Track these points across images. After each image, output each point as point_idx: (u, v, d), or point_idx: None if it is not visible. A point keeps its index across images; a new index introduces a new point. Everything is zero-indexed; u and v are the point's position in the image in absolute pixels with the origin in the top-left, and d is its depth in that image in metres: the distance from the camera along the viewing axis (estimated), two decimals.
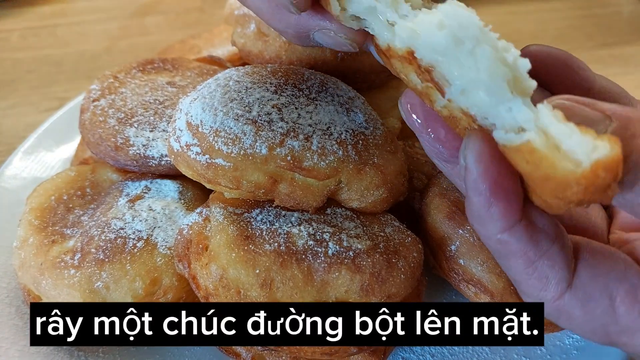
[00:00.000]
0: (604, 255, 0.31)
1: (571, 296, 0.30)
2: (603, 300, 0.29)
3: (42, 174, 0.67)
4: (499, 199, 0.28)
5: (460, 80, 0.27)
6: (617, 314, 0.29)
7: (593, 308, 0.29)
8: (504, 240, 0.30)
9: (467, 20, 0.25)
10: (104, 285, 0.45)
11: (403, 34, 0.28)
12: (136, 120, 0.55)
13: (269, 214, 0.45)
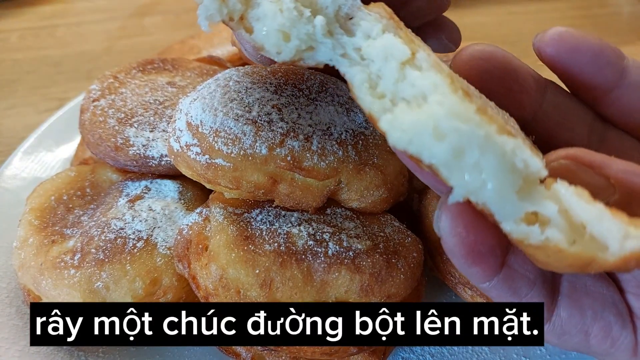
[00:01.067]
0: (586, 287, 0.32)
1: (549, 331, 0.32)
2: (578, 335, 0.31)
3: (42, 174, 0.67)
4: (475, 264, 0.29)
5: (463, 188, 0.23)
6: (590, 345, 0.31)
7: (568, 340, 0.32)
8: (486, 289, 0.32)
9: (469, 128, 0.21)
10: (104, 285, 0.45)
11: (390, 131, 0.24)
12: (136, 120, 0.55)
13: (268, 214, 0.45)
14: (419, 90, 0.24)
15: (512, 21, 1.15)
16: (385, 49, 0.26)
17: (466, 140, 0.22)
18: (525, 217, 0.23)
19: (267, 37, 0.28)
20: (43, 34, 1.14)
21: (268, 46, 0.28)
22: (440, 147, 0.22)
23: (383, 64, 0.26)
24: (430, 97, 0.23)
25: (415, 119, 0.23)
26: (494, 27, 1.12)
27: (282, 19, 0.28)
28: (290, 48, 0.28)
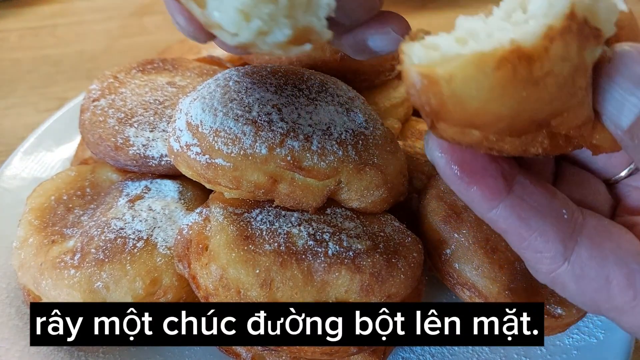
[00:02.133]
0: (610, 234, 0.31)
1: (566, 271, 0.30)
2: (599, 281, 0.29)
3: (42, 174, 0.67)
4: (473, 180, 0.28)
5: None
6: (610, 295, 0.29)
7: (587, 284, 0.30)
8: (493, 219, 0.31)
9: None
10: (104, 285, 0.45)
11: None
12: (136, 120, 0.55)
13: (269, 214, 0.45)
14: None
15: None
16: None
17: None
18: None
19: (224, 15, 0.25)
20: (43, 33, 1.14)
21: (226, 25, 0.25)
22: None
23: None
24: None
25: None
26: None
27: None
28: (251, 29, 0.25)
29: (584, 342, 0.49)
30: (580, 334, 0.50)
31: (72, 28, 1.15)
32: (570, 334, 0.50)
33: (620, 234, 0.31)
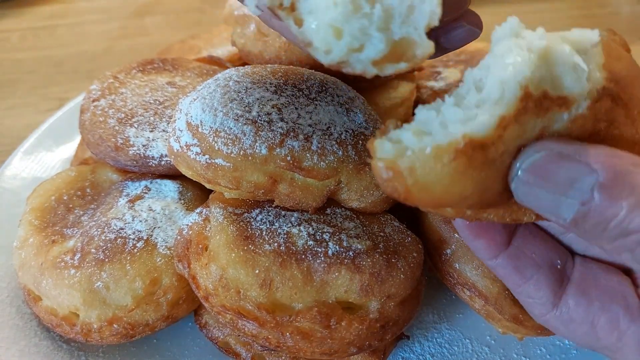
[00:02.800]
0: (597, 281, 0.33)
1: (555, 316, 0.33)
2: (585, 325, 0.32)
3: (42, 174, 0.67)
4: (479, 234, 0.33)
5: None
6: (598, 337, 0.32)
7: (575, 328, 0.33)
8: (492, 267, 0.35)
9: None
10: (104, 285, 0.45)
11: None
12: (136, 120, 0.55)
13: (268, 214, 0.45)
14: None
15: None
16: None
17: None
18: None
19: (317, 32, 0.25)
20: (43, 34, 1.14)
21: (317, 43, 0.25)
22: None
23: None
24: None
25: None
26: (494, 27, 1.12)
27: (335, 12, 0.24)
28: (341, 46, 0.25)
29: None
30: None
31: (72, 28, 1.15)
32: None
33: (608, 279, 0.33)
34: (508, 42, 0.26)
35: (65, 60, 1.04)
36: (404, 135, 0.26)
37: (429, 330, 0.51)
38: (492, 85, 0.25)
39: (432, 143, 0.25)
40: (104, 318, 0.45)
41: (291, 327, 0.40)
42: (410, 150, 0.25)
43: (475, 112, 0.25)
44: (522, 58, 0.25)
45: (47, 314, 0.47)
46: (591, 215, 0.26)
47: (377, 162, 0.26)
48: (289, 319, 0.40)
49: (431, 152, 0.24)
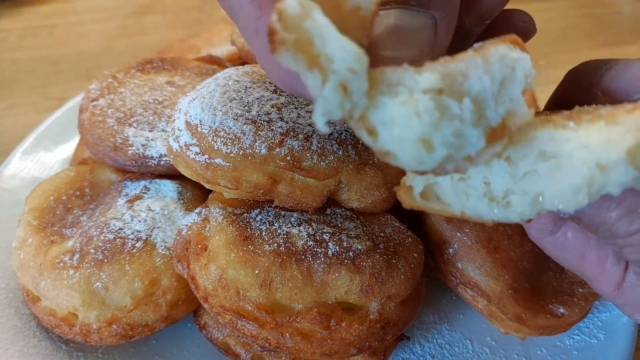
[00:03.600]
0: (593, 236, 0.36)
1: (549, 242, 0.36)
2: (575, 254, 0.36)
3: (41, 174, 0.67)
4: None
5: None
6: (582, 267, 0.36)
7: (565, 255, 0.37)
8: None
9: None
10: (102, 285, 0.45)
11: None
12: (135, 120, 0.55)
13: (268, 214, 0.45)
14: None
15: None
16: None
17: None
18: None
19: (400, 147, 0.22)
20: (42, 33, 1.13)
21: (404, 158, 0.22)
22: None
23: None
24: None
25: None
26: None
27: (420, 124, 0.21)
28: (434, 158, 0.22)
29: (584, 342, 0.49)
30: (580, 334, 0.49)
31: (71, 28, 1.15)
32: (571, 335, 0.49)
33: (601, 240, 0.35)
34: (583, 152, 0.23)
35: (64, 59, 1.04)
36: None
37: (429, 331, 0.51)
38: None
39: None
40: (103, 319, 0.45)
41: (291, 328, 0.39)
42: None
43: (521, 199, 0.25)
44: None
45: (46, 314, 0.47)
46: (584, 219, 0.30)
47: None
48: (288, 319, 0.40)
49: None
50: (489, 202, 0.26)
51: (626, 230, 0.28)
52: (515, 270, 0.45)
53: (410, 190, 0.28)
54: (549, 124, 0.24)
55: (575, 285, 0.48)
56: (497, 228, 0.46)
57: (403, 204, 0.28)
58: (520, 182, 0.25)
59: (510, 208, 0.26)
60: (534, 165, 0.25)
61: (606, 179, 0.23)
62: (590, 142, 0.23)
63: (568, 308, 0.45)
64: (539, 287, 0.46)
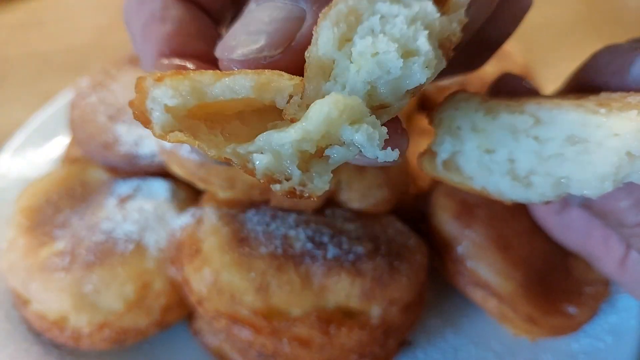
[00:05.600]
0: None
1: (555, 221, 0.38)
2: (580, 233, 0.37)
3: (31, 173, 0.65)
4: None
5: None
6: (587, 246, 0.37)
7: (570, 234, 0.38)
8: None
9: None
10: (94, 288, 0.43)
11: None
12: (127, 117, 0.54)
13: (264, 215, 0.43)
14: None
15: None
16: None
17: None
18: None
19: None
20: (31, 29, 1.11)
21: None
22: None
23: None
24: None
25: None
26: None
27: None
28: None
29: (591, 346, 0.48)
30: (588, 337, 0.48)
31: (61, 23, 1.13)
32: (578, 338, 0.48)
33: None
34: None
35: (55, 55, 1.02)
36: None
37: (433, 336, 0.49)
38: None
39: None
40: (94, 323, 0.44)
41: (288, 334, 0.38)
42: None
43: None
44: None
45: (36, 318, 0.46)
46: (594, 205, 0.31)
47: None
48: (286, 325, 0.38)
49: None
50: (512, 180, 0.26)
51: (634, 220, 0.29)
52: (526, 269, 0.43)
53: (434, 157, 0.28)
54: (581, 109, 0.25)
55: (583, 285, 0.47)
56: (507, 225, 0.45)
57: (424, 170, 0.29)
58: (545, 164, 0.26)
59: (532, 188, 0.26)
60: (562, 148, 0.25)
61: (633, 167, 0.23)
62: (621, 131, 0.23)
63: (578, 307, 0.44)
64: (549, 286, 0.45)
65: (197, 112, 0.22)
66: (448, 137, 0.28)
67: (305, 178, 0.21)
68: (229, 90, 0.21)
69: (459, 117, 0.28)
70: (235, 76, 0.21)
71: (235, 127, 0.23)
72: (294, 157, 0.21)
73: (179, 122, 0.22)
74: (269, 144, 0.21)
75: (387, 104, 0.23)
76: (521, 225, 0.45)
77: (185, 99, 0.21)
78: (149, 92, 0.22)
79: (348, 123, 0.21)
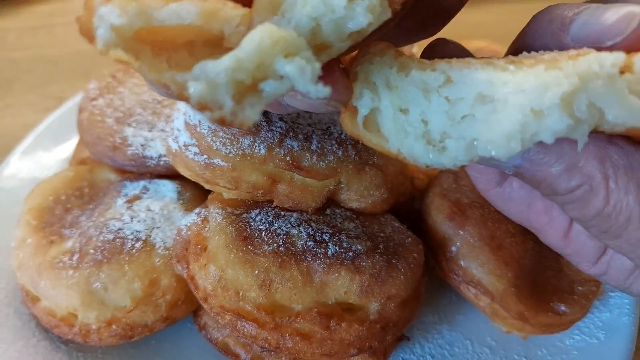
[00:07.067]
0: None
1: (497, 193, 0.36)
2: (521, 205, 0.36)
3: (40, 174, 0.67)
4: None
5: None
6: (530, 217, 0.36)
7: (511, 206, 0.37)
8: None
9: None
10: (102, 286, 0.45)
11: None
12: (134, 119, 0.55)
13: (267, 214, 0.44)
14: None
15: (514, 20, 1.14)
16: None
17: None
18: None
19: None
20: (41, 32, 1.13)
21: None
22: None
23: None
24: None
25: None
26: (495, 26, 1.12)
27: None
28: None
29: (584, 342, 0.49)
30: (581, 334, 0.49)
31: (70, 27, 1.15)
32: (571, 335, 0.49)
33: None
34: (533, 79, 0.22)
35: (63, 59, 1.04)
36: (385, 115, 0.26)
37: (429, 332, 0.51)
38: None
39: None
40: (102, 319, 0.45)
41: (291, 329, 0.39)
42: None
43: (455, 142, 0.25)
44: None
45: (45, 314, 0.47)
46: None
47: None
48: (288, 320, 0.39)
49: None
50: (426, 144, 0.26)
51: (566, 186, 0.27)
52: (517, 268, 0.45)
53: (354, 113, 0.27)
54: (489, 67, 0.24)
55: (575, 284, 0.48)
56: (499, 226, 0.46)
57: (345, 128, 0.28)
58: (458, 126, 0.25)
59: (445, 152, 0.25)
60: (472, 109, 0.24)
61: (540, 125, 0.22)
62: (526, 86, 0.22)
63: (569, 306, 0.45)
64: (541, 285, 0.46)
65: (146, 36, 0.22)
66: (366, 90, 0.27)
67: (237, 108, 0.21)
68: (175, 15, 0.22)
69: (374, 71, 0.27)
70: (182, 2, 0.22)
71: (183, 58, 0.23)
72: (229, 86, 0.21)
73: (125, 42, 0.22)
74: (204, 73, 0.21)
75: (329, 43, 0.23)
76: (514, 226, 0.46)
77: (131, 19, 0.21)
78: (96, 9, 0.21)
79: (283, 55, 0.21)
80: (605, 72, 0.22)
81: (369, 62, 0.27)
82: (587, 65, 0.22)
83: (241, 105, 0.21)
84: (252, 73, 0.21)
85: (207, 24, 0.22)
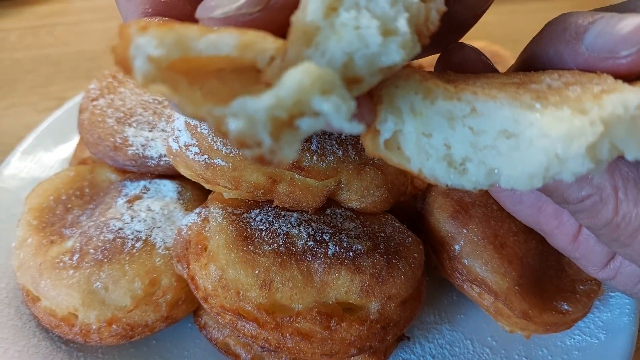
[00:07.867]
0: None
1: (506, 196, 0.37)
2: (532, 209, 0.36)
3: (40, 174, 0.67)
4: None
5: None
6: (539, 220, 0.36)
7: (521, 209, 0.37)
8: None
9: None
10: (102, 285, 0.45)
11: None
12: (135, 120, 0.55)
13: (268, 214, 0.44)
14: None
15: (514, 20, 1.15)
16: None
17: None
18: None
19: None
20: (42, 33, 1.13)
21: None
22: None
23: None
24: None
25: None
26: (496, 26, 1.12)
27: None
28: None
29: (585, 342, 0.49)
30: (581, 334, 0.49)
31: (71, 28, 1.15)
32: (572, 335, 0.49)
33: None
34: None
35: (64, 59, 1.04)
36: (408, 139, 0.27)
37: (430, 331, 0.51)
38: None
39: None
40: (103, 319, 0.45)
41: (291, 328, 0.39)
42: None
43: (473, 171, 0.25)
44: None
45: (45, 314, 0.47)
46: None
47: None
48: (289, 319, 0.39)
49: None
50: (447, 166, 0.27)
51: (576, 196, 0.28)
52: (521, 267, 0.45)
53: (377, 135, 0.28)
54: (515, 103, 0.24)
55: (577, 283, 0.48)
56: (502, 225, 0.46)
57: (366, 149, 0.29)
58: (480, 153, 0.26)
59: (466, 175, 0.26)
60: (495, 141, 0.25)
61: (562, 167, 0.23)
62: (551, 132, 0.23)
63: (572, 305, 0.45)
64: (544, 284, 0.46)
65: (178, 65, 0.22)
66: (390, 115, 0.28)
67: (276, 146, 0.21)
68: (212, 47, 0.21)
69: (399, 96, 0.28)
70: (220, 33, 0.22)
71: (214, 86, 0.23)
72: (267, 123, 0.21)
73: (160, 73, 0.21)
74: (244, 109, 0.21)
75: (360, 77, 0.23)
76: (517, 225, 0.46)
77: (169, 51, 0.21)
78: (133, 40, 0.21)
79: (319, 93, 0.21)
80: (629, 114, 0.23)
81: (394, 86, 0.28)
82: (611, 109, 0.23)
83: (279, 144, 0.22)
84: (289, 110, 0.21)
85: (241, 55, 0.22)
